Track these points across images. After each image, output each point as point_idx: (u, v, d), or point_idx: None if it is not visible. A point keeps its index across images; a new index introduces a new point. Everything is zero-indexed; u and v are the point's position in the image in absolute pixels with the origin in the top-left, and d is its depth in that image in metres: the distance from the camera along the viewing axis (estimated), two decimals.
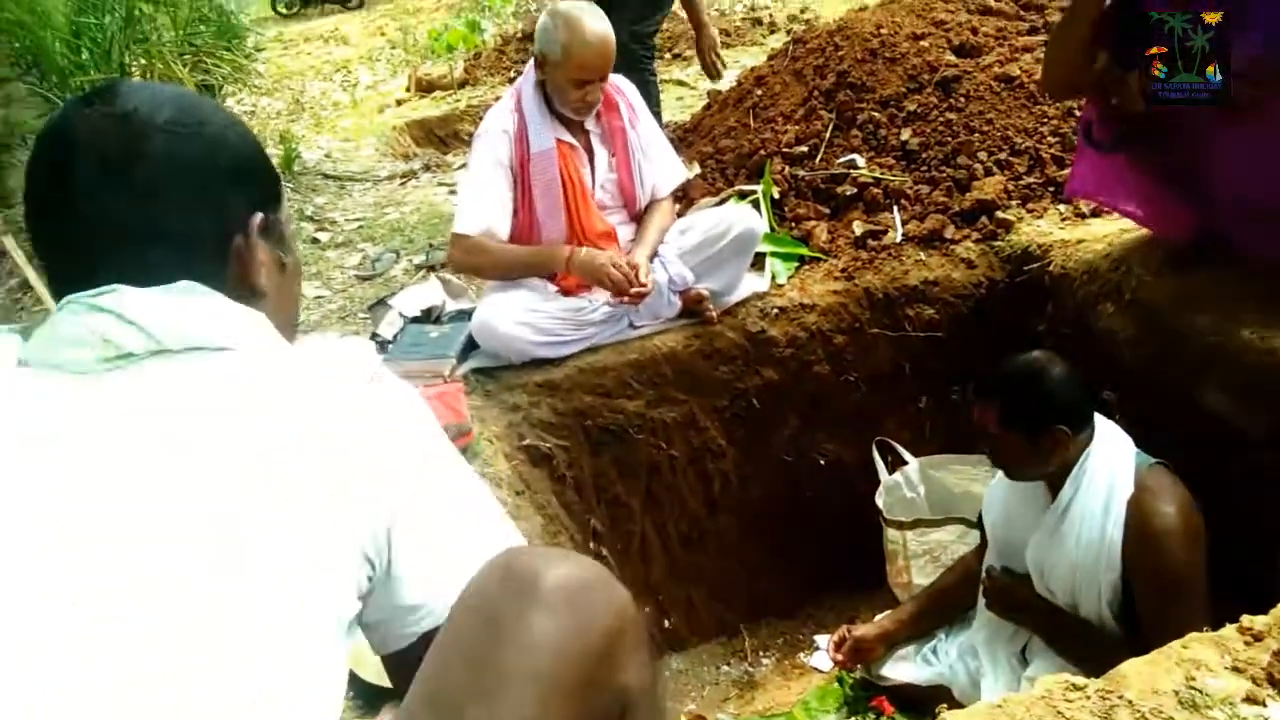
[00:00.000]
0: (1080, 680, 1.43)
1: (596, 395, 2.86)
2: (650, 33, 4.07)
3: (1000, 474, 2.39)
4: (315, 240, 4.44)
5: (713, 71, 4.24)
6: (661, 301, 2.96)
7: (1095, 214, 3.06)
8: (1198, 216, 2.51)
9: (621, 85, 3.00)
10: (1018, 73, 3.53)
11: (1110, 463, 2.15)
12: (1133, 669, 1.43)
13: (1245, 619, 1.48)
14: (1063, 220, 3.16)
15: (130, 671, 0.77)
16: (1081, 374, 2.22)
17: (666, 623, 3.15)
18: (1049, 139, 3.38)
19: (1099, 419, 2.21)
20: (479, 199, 2.80)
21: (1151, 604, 2.06)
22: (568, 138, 2.86)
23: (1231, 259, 2.47)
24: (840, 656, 2.68)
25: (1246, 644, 1.44)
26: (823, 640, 3.21)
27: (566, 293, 2.90)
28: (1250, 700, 1.32)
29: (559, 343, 2.86)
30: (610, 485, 2.94)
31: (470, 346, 2.90)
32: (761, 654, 3.20)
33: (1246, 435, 2.26)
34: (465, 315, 3.03)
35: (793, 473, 3.20)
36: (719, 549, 3.20)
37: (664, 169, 3.11)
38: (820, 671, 3.08)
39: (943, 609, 2.67)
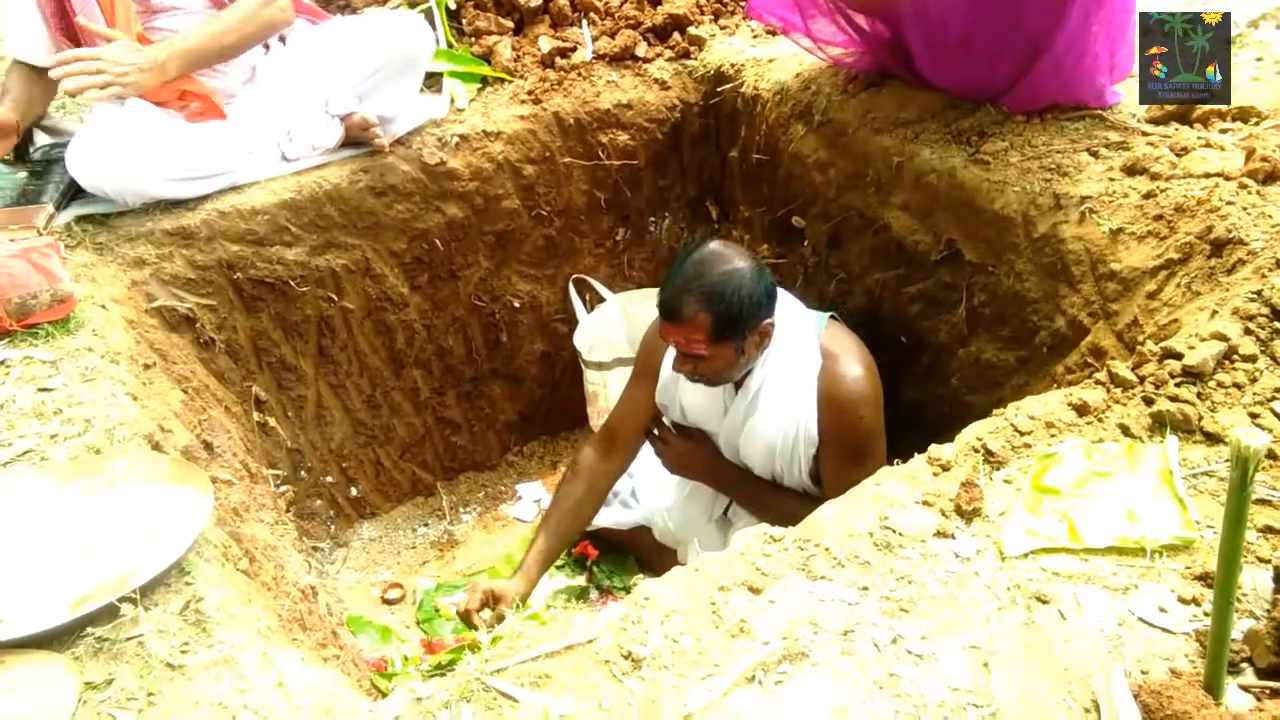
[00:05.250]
0: (778, 532, 1.33)
1: (246, 243, 2.40)
2: None
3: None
4: None
5: None
6: (318, 126, 2.52)
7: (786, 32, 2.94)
8: (882, 41, 2.43)
9: None
10: None
11: (793, 341, 2.06)
12: (830, 513, 1.36)
13: (933, 449, 1.44)
14: (754, 38, 3.03)
15: None
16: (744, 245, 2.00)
17: (354, 490, 2.87)
18: None
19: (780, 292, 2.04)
20: None
21: (836, 464, 2.05)
22: None
23: (915, 81, 2.42)
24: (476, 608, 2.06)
25: (934, 475, 1.40)
26: (525, 489, 3.09)
27: (197, 115, 2.38)
28: (940, 534, 1.28)
29: (191, 179, 2.34)
30: (273, 347, 2.54)
31: (74, 191, 2.33)
32: (461, 510, 3.01)
33: (926, 255, 2.28)
34: (64, 149, 2.42)
35: (486, 318, 2.95)
36: (410, 406, 2.92)
37: None
38: (523, 521, 2.96)
39: (575, 523, 2.31)
